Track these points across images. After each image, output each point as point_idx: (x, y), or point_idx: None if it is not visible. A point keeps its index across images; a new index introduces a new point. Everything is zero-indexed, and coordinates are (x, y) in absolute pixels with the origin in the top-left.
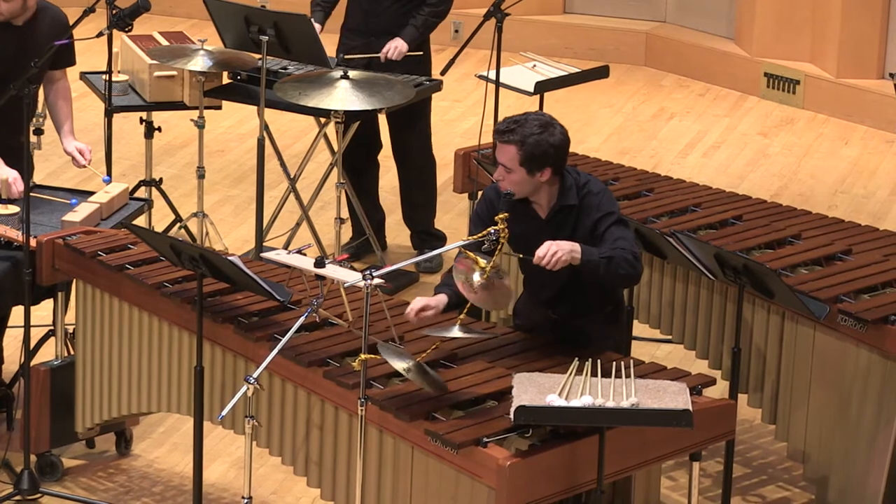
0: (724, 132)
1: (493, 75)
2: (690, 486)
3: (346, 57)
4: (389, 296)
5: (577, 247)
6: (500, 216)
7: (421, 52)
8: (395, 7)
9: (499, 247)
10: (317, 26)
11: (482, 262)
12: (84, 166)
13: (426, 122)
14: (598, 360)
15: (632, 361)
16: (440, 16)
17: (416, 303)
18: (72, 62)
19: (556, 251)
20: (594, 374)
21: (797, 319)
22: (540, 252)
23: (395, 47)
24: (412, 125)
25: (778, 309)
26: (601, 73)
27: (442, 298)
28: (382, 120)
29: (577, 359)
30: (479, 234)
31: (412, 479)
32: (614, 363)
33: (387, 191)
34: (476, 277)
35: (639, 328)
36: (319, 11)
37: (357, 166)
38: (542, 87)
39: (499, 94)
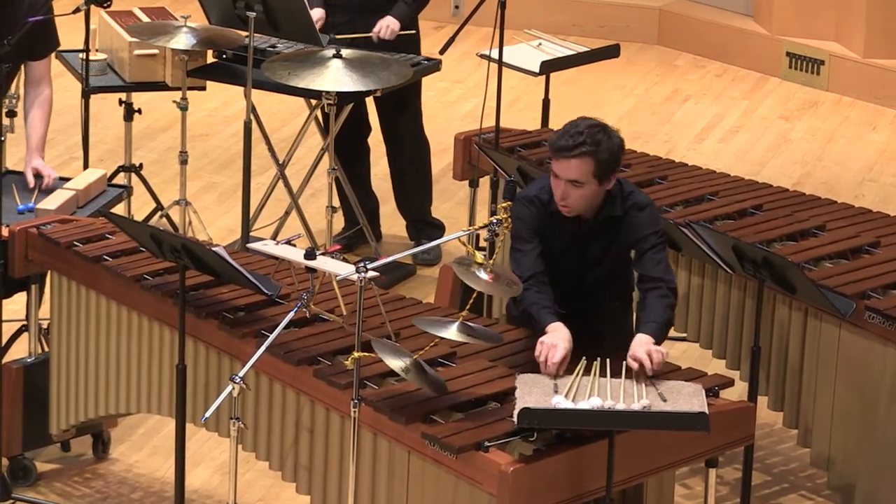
0: (742, 116)
1: (495, 54)
2: (707, 495)
3: (336, 37)
4: (385, 289)
5: (652, 341)
6: (503, 205)
7: (413, 31)
8: None
9: (500, 238)
10: (318, 12)
11: (479, 257)
12: (32, 189)
13: (418, 103)
14: (608, 360)
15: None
16: None
17: (558, 354)
18: (52, 46)
19: (655, 359)
20: (603, 375)
21: (821, 316)
22: (638, 360)
23: (387, 26)
24: (403, 107)
25: (800, 305)
26: (611, 52)
27: (563, 333)
28: (370, 102)
29: (584, 358)
30: (480, 225)
31: (408, 486)
32: (624, 363)
33: (380, 178)
34: (483, 275)
35: None
36: None
37: (347, 151)
38: (548, 68)
39: (501, 74)
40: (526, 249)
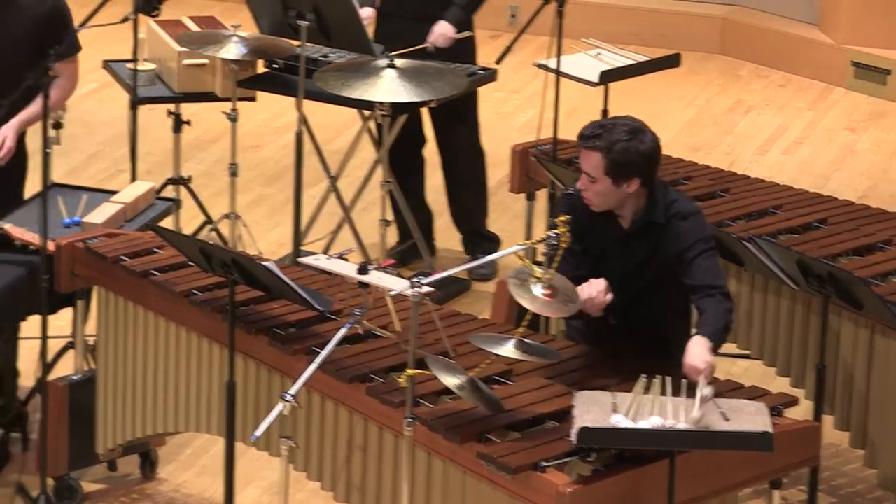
0: (806, 127)
1: (553, 64)
2: None
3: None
4: (439, 305)
5: (707, 348)
6: (561, 218)
7: (470, 33)
8: None
9: (558, 252)
10: (367, 10)
11: (538, 271)
12: None
13: (474, 114)
14: (667, 378)
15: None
16: None
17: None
18: (70, 52)
19: (707, 370)
20: (663, 393)
21: (888, 333)
22: (693, 371)
23: (441, 33)
24: (459, 118)
25: (867, 322)
26: (672, 61)
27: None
28: (425, 112)
29: (644, 376)
30: (536, 239)
31: None
32: (685, 381)
33: (435, 190)
34: (538, 290)
35: None
36: None
37: (401, 163)
38: (608, 78)
39: (559, 84)
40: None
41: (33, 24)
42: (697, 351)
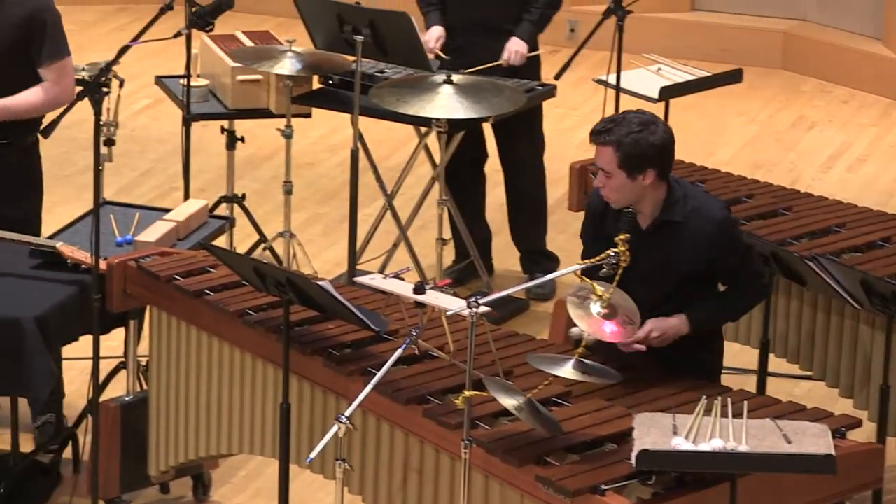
0: (871, 143)
1: (612, 80)
2: None
3: (465, 72)
4: (496, 325)
5: (682, 324)
6: (621, 237)
7: (539, 52)
8: None
9: (618, 272)
10: (437, 29)
11: (599, 289)
12: None
13: (537, 131)
14: (728, 399)
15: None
16: (556, 6)
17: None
18: (52, 57)
19: (657, 335)
20: (724, 415)
21: None
22: (640, 334)
23: (516, 51)
24: (521, 134)
25: None
26: (733, 77)
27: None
28: (488, 127)
29: (704, 397)
30: (597, 258)
31: None
32: (745, 402)
33: (494, 208)
34: (596, 308)
35: (775, 363)
36: (434, 10)
37: (461, 179)
38: (668, 93)
39: (619, 100)
40: (584, 241)
41: (12, 27)
42: (659, 325)
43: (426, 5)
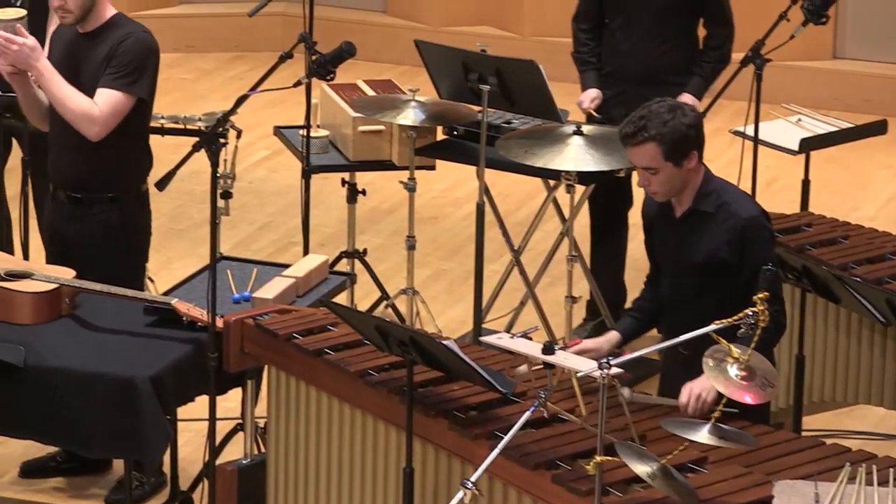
0: None
1: (750, 131)
2: None
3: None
4: (629, 388)
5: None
6: (760, 296)
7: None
8: (664, 48)
9: (757, 332)
10: (593, 91)
11: (736, 351)
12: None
13: None
14: (874, 466)
15: None
16: (726, 60)
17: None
18: (111, 84)
19: (698, 394)
20: (869, 483)
21: None
22: (682, 400)
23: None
24: None
25: None
26: (878, 128)
27: (610, 337)
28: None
29: (848, 464)
30: (734, 318)
31: None
32: (892, 469)
33: (627, 263)
34: (733, 371)
35: None
36: (591, 70)
37: (602, 225)
38: (808, 145)
39: (757, 152)
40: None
41: (103, 59)
42: (705, 384)
43: (583, 63)
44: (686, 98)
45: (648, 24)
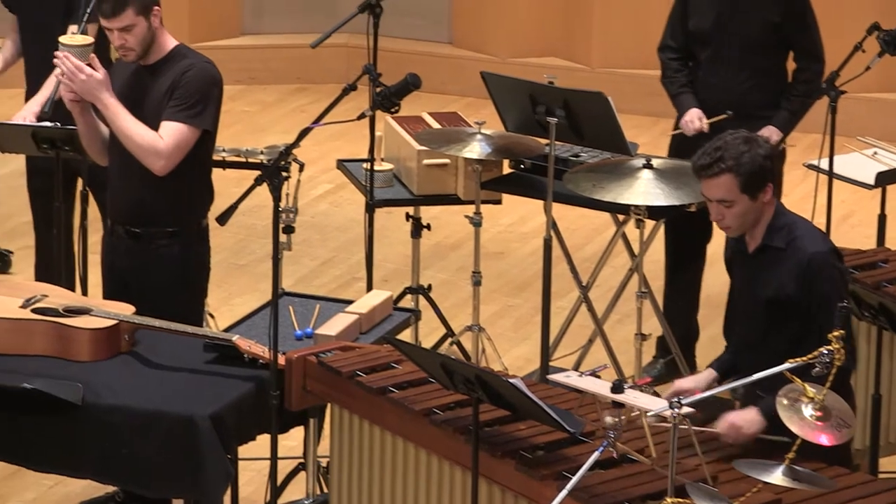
0: None
1: (825, 164)
2: None
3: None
4: (700, 427)
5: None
6: (835, 334)
7: (788, 145)
8: (752, 81)
9: (832, 371)
10: (695, 111)
11: (811, 391)
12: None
13: None
14: None
15: None
16: (815, 95)
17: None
18: (173, 116)
19: (735, 423)
20: None
21: None
22: (720, 429)
23: (770, 137)
24: None
25: None
26: None
27: (707, 375)
28: None
29: None
30: (809, 356)
31: None
32: None
33: (703, 296)
34: (808, 411)
35: None
36: (687, 92)
37: (677, 259)
38: (885, 179)
39: (832, 186)
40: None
41: (166, 91)
42: (747, 416)
43: (679, 86)
44: (768, 131)
45: (736, 58)
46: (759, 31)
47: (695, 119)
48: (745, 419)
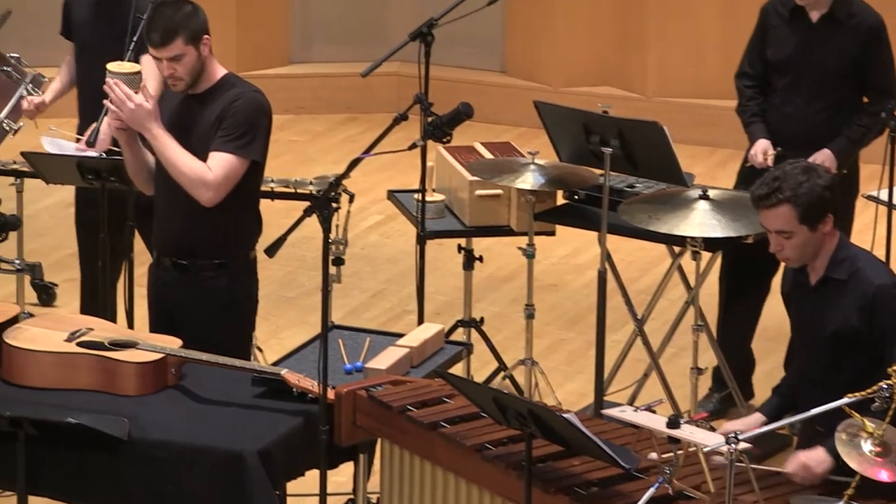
0: None
1: (884, 195)
2: None
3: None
4: (758, 463)
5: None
6: (893, 368)
7: (847, 172)
8: (826, 113)
9: (892, 405)
10: (763, 142)
11: (870, 426)
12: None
13: None
14: None
15: None
16: (877, 128)
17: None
18: (223, 147)
19: (804, 463)
20: None
21: None
22: (789, 468)
23: (822, 162)
24: None
25: None
26: None
27: (754, 419)
28: None
29: None
30: (868, 391)
31: None
32: None
33: (761, 329)
34: (867, 447)
35: None
36: (759, 122)
37: (738, 287)
38: None
39: (891, 218)
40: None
41: (215, 120)
42: (817, 456)
43: (751, 115)
44: (822, 155)
45: (814, 88)
46: (836, 64)
47: (759, 153)
48: (815, 459)
